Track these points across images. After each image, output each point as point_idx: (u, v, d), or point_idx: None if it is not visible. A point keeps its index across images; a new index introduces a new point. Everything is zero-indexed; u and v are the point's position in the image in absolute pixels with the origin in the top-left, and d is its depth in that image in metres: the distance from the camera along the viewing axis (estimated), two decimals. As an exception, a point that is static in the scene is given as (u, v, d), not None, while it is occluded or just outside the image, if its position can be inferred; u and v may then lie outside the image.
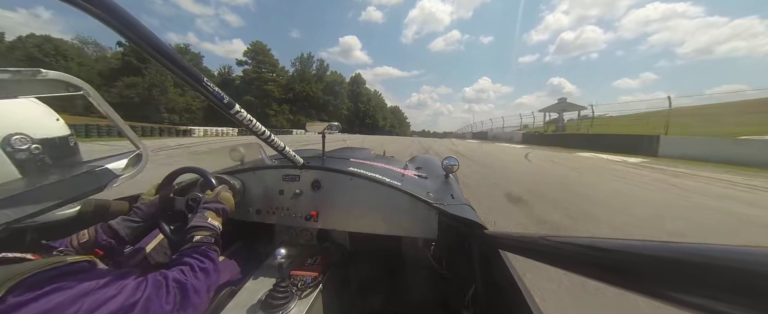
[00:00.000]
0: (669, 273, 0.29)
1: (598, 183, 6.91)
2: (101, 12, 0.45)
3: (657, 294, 0.30)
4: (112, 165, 0.96)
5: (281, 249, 0.89)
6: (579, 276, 0.42)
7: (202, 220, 0.90)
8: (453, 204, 1.19)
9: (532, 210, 4.37)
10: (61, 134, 0.81)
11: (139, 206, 1.07)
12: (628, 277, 0.35)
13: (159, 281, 0.65)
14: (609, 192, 5.95)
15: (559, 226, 3.71)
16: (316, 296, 1.02)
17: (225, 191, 1.08)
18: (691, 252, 0.28)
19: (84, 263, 0.59)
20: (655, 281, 0.30)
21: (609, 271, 0.38)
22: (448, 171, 1.66)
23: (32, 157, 0.71)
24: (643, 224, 3.85)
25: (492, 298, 1.02)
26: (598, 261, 0.40)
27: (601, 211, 4.38)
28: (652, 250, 0.32)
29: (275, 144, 1.02)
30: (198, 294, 0.70)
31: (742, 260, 0.24)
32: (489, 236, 0.95)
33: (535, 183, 6.64)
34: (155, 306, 0.60)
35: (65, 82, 0.88)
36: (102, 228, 0.96)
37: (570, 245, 0.47)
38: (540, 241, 0.59)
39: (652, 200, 5.33)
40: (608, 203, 4.95)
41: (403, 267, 1.60)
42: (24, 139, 0.70)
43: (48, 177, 0.74)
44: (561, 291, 2.18)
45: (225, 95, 0.78)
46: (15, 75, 0.76)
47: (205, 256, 0.79)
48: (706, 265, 0.26)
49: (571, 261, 0.46)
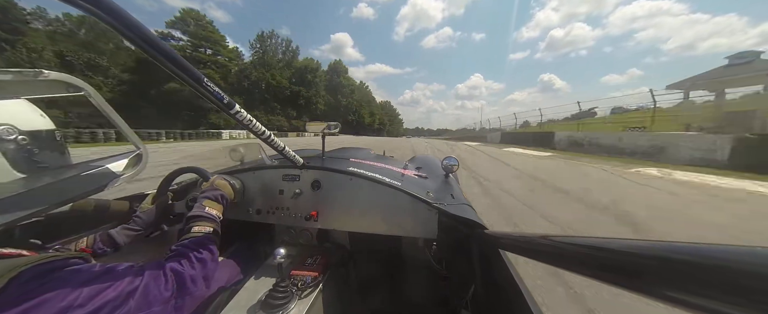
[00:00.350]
0: (671, 273, 0.29)
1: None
2: (101, 11, 0.45)
3: (659, 294, 0.30)
4: (112, 165, 0.96)
5: (281, 248, 0.88)
6: (580, 276, 0.42)
7: (200, 210, 0.89)
8: (453, 204, 1.19)
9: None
10: (46, 128, 0.82)
11: (138, 214, 1.07)
12: (629, 277, 0.35)
13: (156, 270, 0.65)
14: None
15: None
16: (316, 296, 1.02)
17: (220, 179, 1.08)
18: (694, 253, 0.28)
19: (80, 257, 0.60)
20: (657, 281, 0.30)
21: (610, 271, 0.38)
22: (448, 171, 1.67)
23: (19, 148, 0.72)
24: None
25: (492, 298, 1.01)
26: (599, 261, 0.40)
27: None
28: (654, 250, 0.32)
29: (275, 144, 1.03)
30: (195, 283, 0.70)
31: (744, 260, 0.24)
32: (489, 236, 0.95)
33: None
34: (154, 293, 0.61)
35: (66, 82, 0.89)
36: (101, 236, 0.96)
37: (571, 245, 0.47)
38: (540, 241, 0.59)
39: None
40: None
41: (403, 267, 1.60)
42: (10, 130, 0.71)
43: (39, 169, 0.75)
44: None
45: (225, 95, 0.79)
46: (17, 75, 0.76)
47: (203, 246, 0.78)
48: (707, 266, 0.26)
49: (572, 261, 0.46)
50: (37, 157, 0.77)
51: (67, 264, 0.55)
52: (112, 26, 0.48)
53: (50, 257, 0.54)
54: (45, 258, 0.53)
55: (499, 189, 5.84)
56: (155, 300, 0.60)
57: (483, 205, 4.61)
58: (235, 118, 0.84)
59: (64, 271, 0.53)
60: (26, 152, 0.74)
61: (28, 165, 0.74)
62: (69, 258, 0.57)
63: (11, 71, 0.75)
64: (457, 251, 1.31)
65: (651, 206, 4.73)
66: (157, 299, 0.61)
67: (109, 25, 0.48)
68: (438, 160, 2.12)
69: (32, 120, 0.79)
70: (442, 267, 1.40)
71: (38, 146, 0.77)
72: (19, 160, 0.72)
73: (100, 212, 1.17)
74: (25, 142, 0.74)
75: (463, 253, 1.20)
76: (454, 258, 1.39)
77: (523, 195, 5.41)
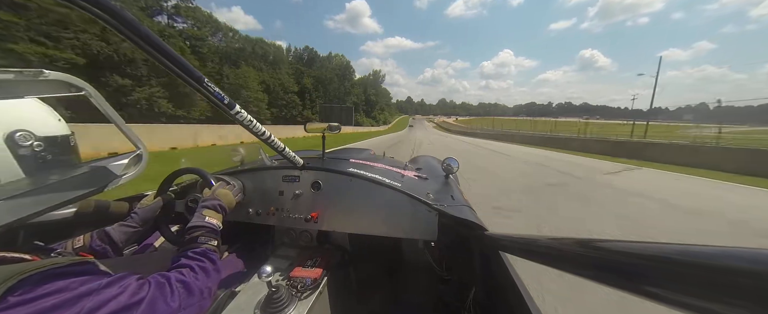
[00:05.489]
0: (671, 275, 0.29)
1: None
2: (101, 11, 0.45)
3: (659, 296, 0.29)
4: (112, 165, 0.96)
5: (267, 266, 0.88)
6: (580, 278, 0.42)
7: (201, 220, 0.89)
8: (453, 206, 1.19)
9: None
10: (62, 133, 0.82)
11: (136, 211, 1.07)
12: (630, 279, 0.34)
13: (161, 282, 0.64)
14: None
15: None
16: (315, 298, 1.02)
17: (222, 188, 1.08)
18: (694, 255, 0.28)
19: (84, 264, 0.59)
20: (658, 283, 0.30)
21: (611, 273, 0.38)
22: (448, 172, 1.66)
23: (34, 154, 0.72)
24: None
25: (492, 300, 1.01)
26: (599, 263, 0.40)
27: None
28: (655, 252, 0.32)
29: (275, 144, 1.03)
30: (201, 293, 0.70)
31: (744, 262, 0.24)
32: (489, 237, 0.95)
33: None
34: (161, 304, 0.60)
35: (67, 82, 0.89)
36: (98, 233, 0.95)
37: (571, 246, 0.47)
38: (541, 243, 0.59)
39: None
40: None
41: (403, 268, 1.59)
42: (27, 136, 0.71)
43: (49, 176, 0.75)
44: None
45: (225, 96, 0.79)
46: (18, 75, 0.76)
47: (205, 256, 0.78)
48: (708, 267, 0.26)
49: (572, 263, 0.46)
50: (51, 162, 0.77)
51: (69, 272, 0.53)
52: (112, 26, 0.48)
53: (51, 263, 0.52)
54: (46, 264, 0.51)
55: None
56: (161, 311, 0.59)
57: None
58: (235, 118, 0.84)
59: (66, 279, 0.51)
60: (40, 158, 0.74)
61: (40, 170, 0.74)
62: (71, 264, 0.55)
63: (12, 71, 0.75)
64: (458, 253, 1.31)
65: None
66: (163, 310, 0.60)
67: (109, 24, 0.48)
68: (438, 161, 2.12)
69: (48, 124, 0.79)
70: (442, 269, 1.40)
71: (52, 152, 0.77)
72: (33, 166, 0.72)
73: (101, 212, 1.17)
74: (41, 148, 0.74)
75: (463, 255, 1.19)
76: (454, 260, 1.38)
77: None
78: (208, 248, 0.81)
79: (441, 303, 1.37)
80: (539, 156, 13.93)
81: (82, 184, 0.81)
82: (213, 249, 0.83)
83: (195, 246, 0.80)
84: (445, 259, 1.42)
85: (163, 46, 0.58)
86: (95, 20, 0.47)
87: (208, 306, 0.74)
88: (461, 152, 15.06)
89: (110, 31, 0.51)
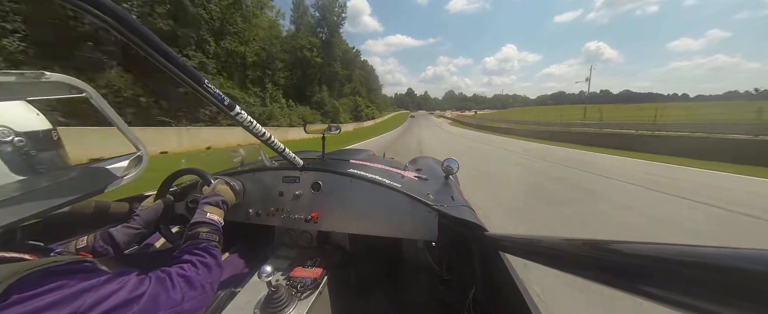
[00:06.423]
0: (672, 276, 0.29)
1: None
2: (100, 12, 0.45)
3: (660, 297, 0.29)
4: (112, 166, 0.96)
5: (267, 266, 0.88)
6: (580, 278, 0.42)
7: (202, 216, 0.89)
8: (453, 206, 1.19)
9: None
10: (44, 128, 0.82)
11: (137, 213, 1.07)
12: (630, 280, 0.34)
13: (162, 277, 0.65)
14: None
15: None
16: (315, 298, 1.02)
17: (221, 184, 1.08)
18: (695, 255, 0.28)
19: (84, 262, 0.59)
20: (659, 284, 0.30)
21: (611, 273, 0.38)
22: (448, 173, 1.66)
23: (16, 150, 0.72)
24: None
25: (492, 300, 1.01)
26: (599, 264, 0.40)
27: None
28: (656, 253, 0.32)
29: (275, 145, 1.03)
30: (203, 288, 0.70)
31: (746, 263, 0.24)
32: (489, 238, 0.95)
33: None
34: (161, 299, 0.60)
35: (68, 84, 0.89)
36: (101, 235, 0.96)
37: (571, 247, 0.47)
38: (541, 243, 0.59)
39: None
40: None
41: (403, 269, 1.59)
42: (6, 132, 0.70)
43: (38, 171, 0.75)
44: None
45: (226, 97, 0.79)
46: (19, 77, 0.77)
47: (206, 252, 0.78)
48: (709, 267, 0.26)
49: (573, 264, 0.46)
50: (36, 158, 0.76)
51: (70, 269, 0.54)
52: (112, 27, 0.49)
53: (52, 261, 0.53)
54: (47, 262, 0.52)
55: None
56: (162, 306, 0.59)
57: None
58: (235, 119, 0.84)
59: (66, 277, 0.51)
60: (24, 154, 0.73)
61: (26, 167, 0.73)
62: (72, 262, 0.56)
63: (13, 73, 0.75)
64: (458, 253, 1.30)
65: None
66: (165, 305, 0.60)
67: (108, 25, 0.48)
68: (438, 162, 2.12)
69: (28, 120, 0.78)
70: (442, 270, 1.40)
71: (36, 147, 0.77)
72: (17, 163, 0.71)
73: (101, 213, 1.17)
74: (23, 144, 0.73)
75: (463, 255, 1.19)
76: (454, 261, 1.38)
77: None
78: (209, 244, 0.81)
79: (441, 303, 1.37)
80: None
81: (82, 185, 0.82)
82: (214, 244, 0.83)
83: (196, 242, 0.80)
84: (445, 259, 1.42)
85: (164, 47, 0.58)
86: (94, 21, 0.47)
87: (210, 301, 0.74)
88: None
89: (110, 31, 0.51)
